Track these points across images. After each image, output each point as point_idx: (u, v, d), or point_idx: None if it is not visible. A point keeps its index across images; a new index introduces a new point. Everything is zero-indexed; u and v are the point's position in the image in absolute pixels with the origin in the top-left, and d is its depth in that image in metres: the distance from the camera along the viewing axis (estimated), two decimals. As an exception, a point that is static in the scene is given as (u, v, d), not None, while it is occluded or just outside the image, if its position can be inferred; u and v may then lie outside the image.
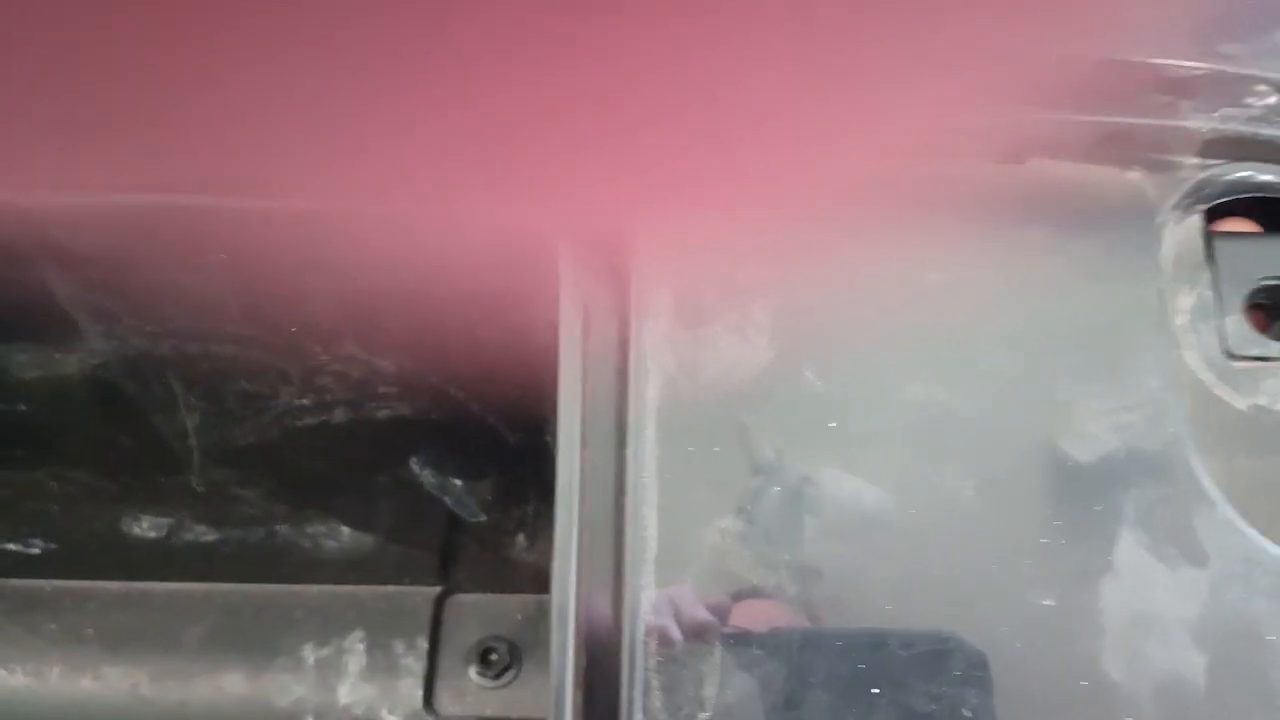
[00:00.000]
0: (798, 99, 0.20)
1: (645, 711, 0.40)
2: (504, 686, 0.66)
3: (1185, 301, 0.46)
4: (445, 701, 0.66)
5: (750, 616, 0.40)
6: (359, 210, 0.44)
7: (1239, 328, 0.46)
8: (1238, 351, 0.45)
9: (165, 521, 0.65)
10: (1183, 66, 0.47)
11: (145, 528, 0.66)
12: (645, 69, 0.18)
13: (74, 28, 0.16)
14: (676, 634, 0.40)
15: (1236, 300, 0.46)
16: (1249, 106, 0.48)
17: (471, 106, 0.19)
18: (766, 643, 0.40)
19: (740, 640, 0.40)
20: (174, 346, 0.51)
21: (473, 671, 0.67)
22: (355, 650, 0.67)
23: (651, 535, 0.41)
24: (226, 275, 0.47)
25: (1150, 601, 0.40)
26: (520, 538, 0.66)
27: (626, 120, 0.20)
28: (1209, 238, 0.47)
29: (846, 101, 0.21)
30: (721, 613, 0.40)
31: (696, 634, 0.40)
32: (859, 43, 0.18)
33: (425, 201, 0.23)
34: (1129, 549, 0.41)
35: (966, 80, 0.21)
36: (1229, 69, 0.47)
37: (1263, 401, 0.45)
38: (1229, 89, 0.48)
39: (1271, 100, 0.48)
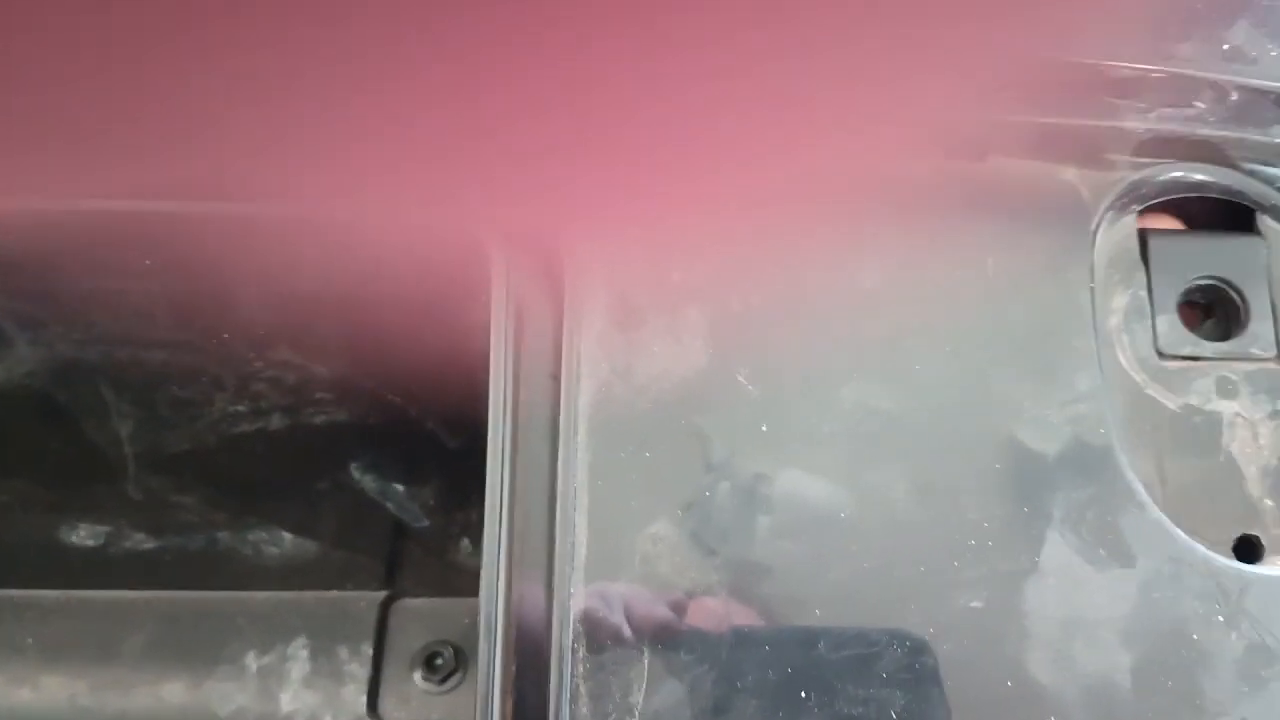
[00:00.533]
0: (737, 104, 0.20)
1: (573, 718, 0.39)
2: (449, 691, 0.66)
3: (1119, 302, 0.47)
4: (389, 707, 0.66)
5: (679, 623, 0.40)
6: (287, 215, 0.43)
7: (1171, 326, 0.46)
8: (1169, 351, 0.46)
9: (103, 529, 0.64)
10: (1122, 67, 0.47)
11: (83, 536, 0.65)
12: (593, 78, 0.18)
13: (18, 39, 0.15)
14: (605, 641, 0.40)
15: (1170, 299, 0.47)
16: (1186, 107, 0.48)
17: (409, 114, 0.18)
18: (694, 648, 0.40)
19: (668, 646, 0.40)
20: (103, 353, 0.50)
21: (418, 676, 0.66)
22: (298, 657, 0.66)
23: (582, 541, 0.41)
24: (154, 280, 0.46)
25: (1077, 603, 0.40)
26: (464, 542, 0.65)
27: (567, 127, 0.19)
28: (1143, 237, 0.47)
29: (791, 105, 0.20)
30: (650, 619, 0.40)
31: (625, 641, 0.40)
32: (803, 49, 0.18)
33: (360, 205, 0.23)
34: (1057, 550, 0.41)
35: (907, 81, 0.21)
36: (1168, 70, 0.48)
37: (1194, 401, 0.45)
38: (1167, 90, 0.48)
39: (1209, 101, 0.48)
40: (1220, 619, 0.41)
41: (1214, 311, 0.48)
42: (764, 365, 0.44)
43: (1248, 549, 0.43)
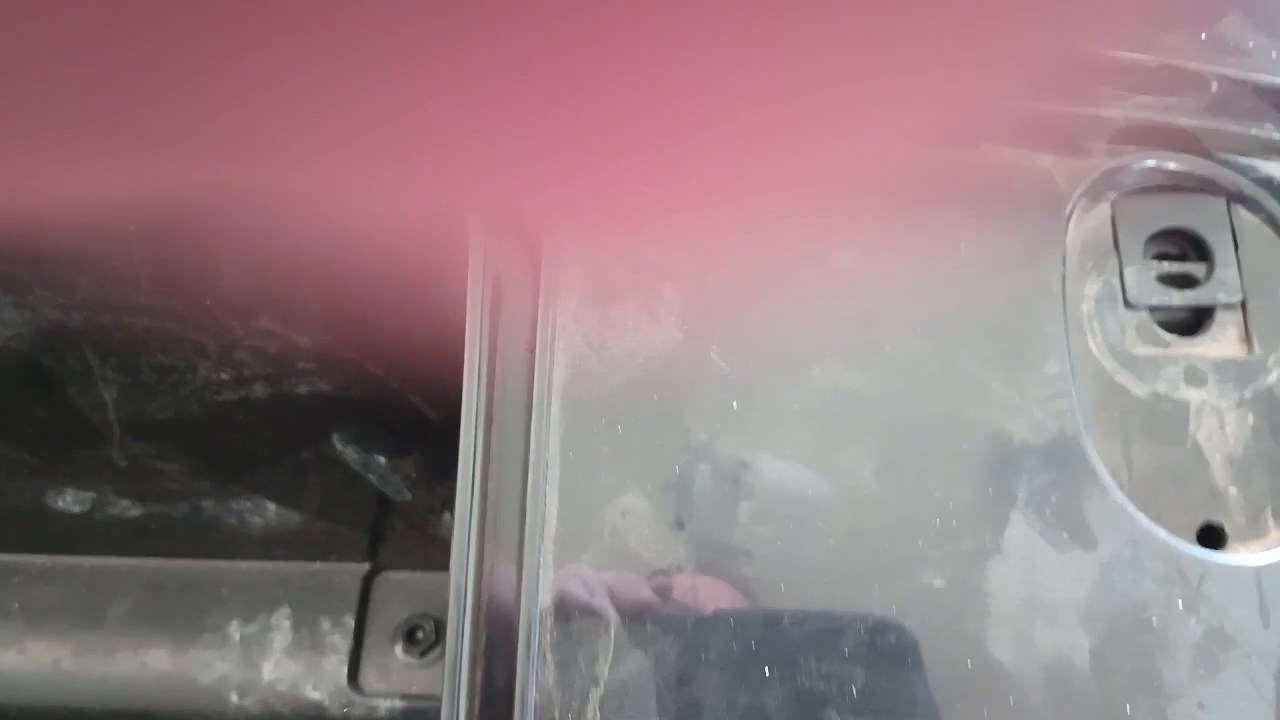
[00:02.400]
0: (722, 91, 0.20)
1: (539, 688, 0.40)
2: (430, 664, 0.66)
3: (1090, 289, 0.47)
4: (370, 678, 0.66)
5: (646, 595, 0.41)
6: (266, 183, 0.43)
7: (1139, 277, 0.46)
8: (1138, 301, 0.46)
9: (88, 495, 0.65)
10: (1104, 54, 0.47)
11: (69, 502, 0.66)
12: (577, 67, 0.18)
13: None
14: (573, 611, 0.40)
15: (1135, 250, 0.47)
16: (1165, 96, 0.48)
17: (397, 102, 0.19)
18: (660, 621, 0.40)
19: (635, 618, 0.40)
20: (87, 318, 0.51)
21: (398, 649, 0.67)
22: (281, 627, 0.67)
23: (552, 514, 0.42)
24: (136, 246, 0.47)
25: (1038, 584, 0.41)
26: (446, 516, 0.66)
27: (551, 115, 0.20)
28: (1115, 224, 0.47)
29: (776, 92, 0.21)
30: (618, 591, 0.41)
31: (592, 612, 0.40)
32: (788, 37, 0.18)
33: (341, 175, 0.23)
34: (1020, 532, 0.41)
35: (895, 69, 0.21)
36: (1148, 58, 0.48)
37: (1162, 389, 0.45)
38: (1147, 78, 0.48)
39: (1188, 91, 0.48)
40: (1180, 604, 0.41)
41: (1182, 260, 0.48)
42: (737, 343, 0.44)
43: (1211, 536, 0.44)
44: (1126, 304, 0.46)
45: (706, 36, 0.18)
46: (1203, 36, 0.46)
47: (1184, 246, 0.48)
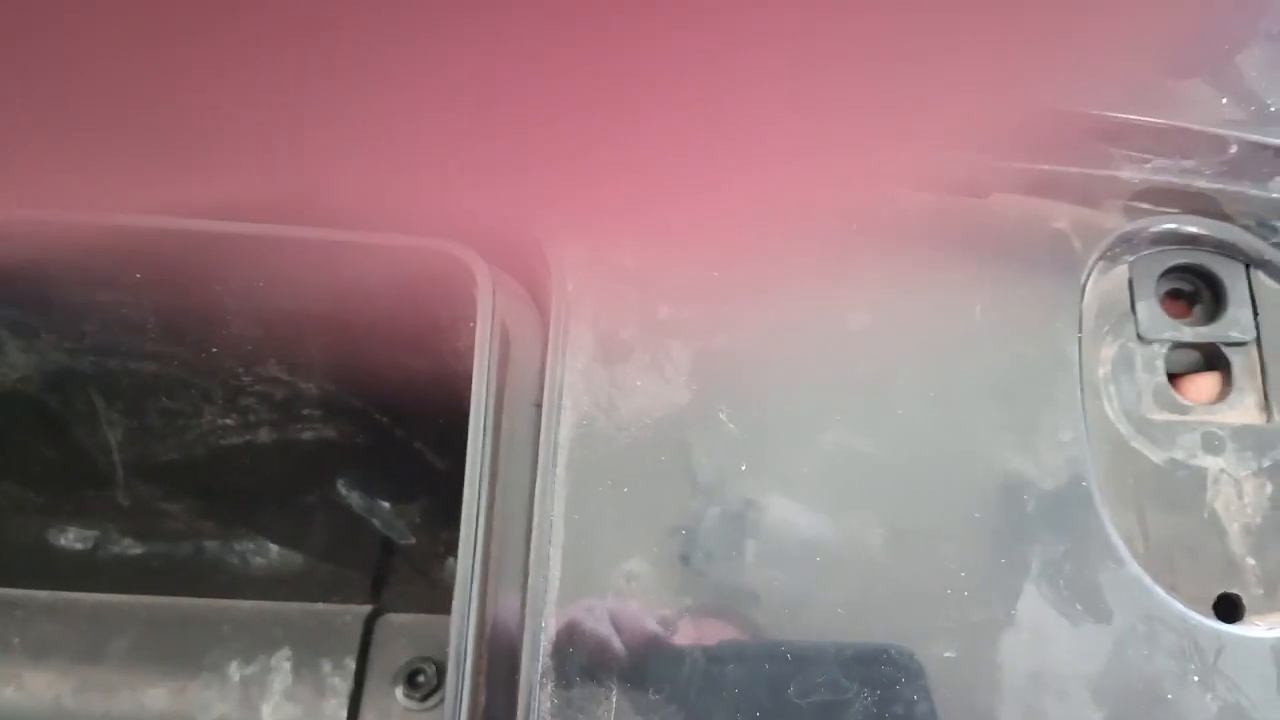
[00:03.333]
0: (736, 122, 0.20)
1: (540, 753, 0.39)
2: (430, 709, 0.66)
3: (1106, 352, 0.46)
4: (370, 723, 0.66)
5: (649, 663, 0.40)
6: (275, 234, 0.43)
7: (1151, 312, 0.46)
8: (1151, 335, 0.46)
9: (92, 534, 0.64)
10: (1120, 118, 0.47)
11: (72, 539, 0.65)
12: (589, 97, 0.18)
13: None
14: (575, 677, 0.40)
15: (1149, 286, 0.47)
16: (1183, 159, 0.48)
17: (404, 121, 0.18)
18: (663, 689, 0.40)
19: (637, 685, 0.40)
20: (94, 362, 0.50)
21: (399, 693, 0.66)
22: (281, 668, 0.66)
23: (555, 575, 0.41)
24: (144, 294, 0.46)
25: (1051, 657, 0.40)
26: (450, 560, 0.65)
27: (558, 139, 0.19)
28: (1132, 285, 0.47)
29: (789, 128, 0.20)
30: (620, 659, 0.40)
31: (594, 677, 0.40)
32: (806, 72, 0.18)
33: (351, 182, 0.23)
34: (1033, 603, 0.41)
35: (908, 119, 0.21)
36: (1167, 122, 0.47)
37: (1179, 455, 0.45)
38: (1165, 142, 0.47)
39: (1207, 153, 0.48)
40: (1195, 679, 0.40)
41: (1196, 300, 0.48)
42: (746, 404, 0.44)
43: (1228, 608, 0.43)
44: (1139, 338, 0.46)
45: (717, 58, 0.18)
46: (1224, 101, 0.46)
47: (1197, 284, 0.48)
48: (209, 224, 0.42)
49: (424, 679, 0.66)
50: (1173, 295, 0.48)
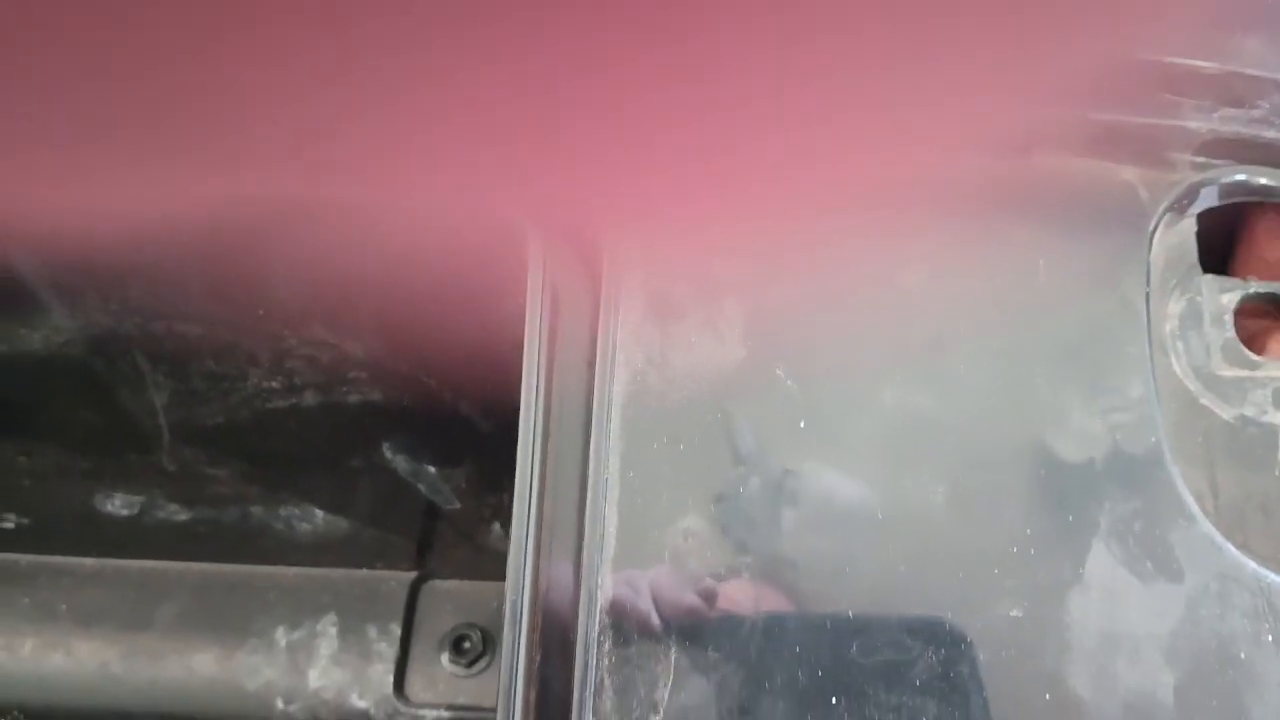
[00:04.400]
0: (783, 104, 0.19)
1: (596, 713, 0.39)
2: (476, 675, 0.66)
3: (1174, 307, 0.45)
4: (416, 688, 0.66)
5: (708, 620, 0.39)
6: (322, 196, 0.43)
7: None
8: (1218, 289, 0.45)
9: (137, 499, 0.64)
10: (1186, 65, 0.46)
11: (118, 505, 0.65)
12: (643, 80, 0.18)
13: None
14: (632, 634, 0.39)
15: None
16: (1251, 108, 0.46)
17: (454, 98, 0.18)
18: (722, 646, 0.39)
19: (695, 643, 0.39)
20: (139, 325, 0.50)
21: (445, 659, 0.66)
22: (328, 634, 0.66)
23: (611, 534, 0.40)
24: (188, 256, 0.46)
25: (1121, 617, 0.39)
26: (495, 525, 0.65)
27: (611, 117, 0.19)
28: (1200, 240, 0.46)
29: (837, 104, 0.20)
30: (679, 616, 0.39)
31: (652, 635, 0.39)
32: (850, 47, 0.18)
33: (398, 186, 0.22)
34: (1102, 561, 0.40)
35: (967, 73, 0.20)
36: (1234, 69, 0.46)
37: (1249, 412, 0.44)
38: (1232, 89, 0.46)
39: (1275, 102, 0.46)
40: (1269, 638, 0.39)
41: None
42: (803, 362, 0.43)
43: (1301, 567, 0.42)
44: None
45: (764, 43, 0.17)
46: (1296, 44, 0.44)
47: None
48: (261, 185, 0.42)
49: (470, 645, 0.66)
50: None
